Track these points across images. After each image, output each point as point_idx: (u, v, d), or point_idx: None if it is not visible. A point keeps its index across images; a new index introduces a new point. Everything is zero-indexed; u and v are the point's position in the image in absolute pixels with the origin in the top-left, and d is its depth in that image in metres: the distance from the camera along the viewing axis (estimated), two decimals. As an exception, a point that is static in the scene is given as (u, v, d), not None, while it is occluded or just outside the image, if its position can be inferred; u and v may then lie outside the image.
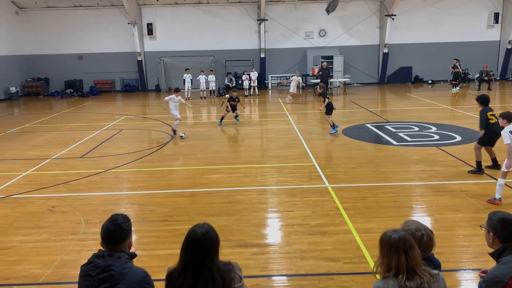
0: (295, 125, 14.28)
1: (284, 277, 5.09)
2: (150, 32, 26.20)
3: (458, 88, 22.52)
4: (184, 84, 22.97)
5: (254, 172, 9.35)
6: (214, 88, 23.55)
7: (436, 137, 11.98)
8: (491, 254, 2.88)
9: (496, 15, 25.76)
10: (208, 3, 25.79)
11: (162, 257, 5.46)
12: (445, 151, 10.41)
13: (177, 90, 13.30)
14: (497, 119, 7.72)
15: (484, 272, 2.99)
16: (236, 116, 15.22)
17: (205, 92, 23.02)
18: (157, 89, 26.76)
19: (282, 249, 5.73)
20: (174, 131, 13.04)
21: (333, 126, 12.62)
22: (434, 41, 26.08)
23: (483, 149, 8.81)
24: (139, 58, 26.12)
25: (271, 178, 8.90)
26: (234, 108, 15.09)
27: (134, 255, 2.84)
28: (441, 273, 2.60)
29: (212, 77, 23.24)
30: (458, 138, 11.74)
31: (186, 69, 23.39)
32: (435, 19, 25.80)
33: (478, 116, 8.83)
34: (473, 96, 20.81)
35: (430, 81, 26.32)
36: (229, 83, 24.01)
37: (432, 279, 2.44)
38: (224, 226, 6.42)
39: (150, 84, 27.10)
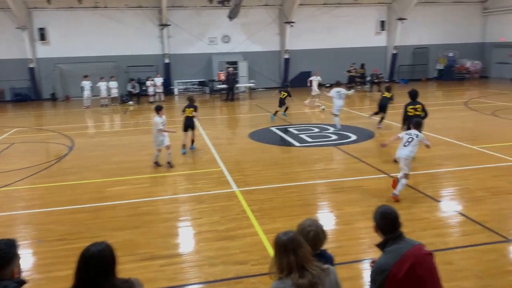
0: (203, 130, 14.26)
1: (193, 286, 5.07)
2: (42, 37, 24.34)
3: (352, 91, 24.21)
4: (82, 92, 21.75)
5: (161, 181, 9.18)
6: (116, 95, 22.60)
7: (334, 137, 12.75)
8: (378, 245, 3.15)
9: (382, 23, 28.19)
10: (106, 7, 24.70)
11: (61, 279, 5.12)
12: (342, 150, 11.13)
13: (159, 109, 10.03)
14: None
15: (374, 262, 3.26)
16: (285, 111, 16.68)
17: (106, 99, 22.01)
18: (53, 98, 24.97)
19: (191, 257, 5.71)
20: (169, 163, 10.14)
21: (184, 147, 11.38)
22: (331, 46, 27.72)
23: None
24: (31, 65, 24.15)
25: (179, 186, 8.81)
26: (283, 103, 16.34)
27: (22, 282, 2.64)
28: (332, 267, 2.80)
29: (113, 84, 22.28)
30: (353, 137, 12.63)
31: (85, 76, 22.17)
32: (331, 26, 27.43)
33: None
34: (366, 97, 22.56)
35: (328, 85, 27.92)
36: (132, 90, 23.22)
37: (323, 273, 2.61)
38: (130, 240, 6.20)
39: (45, 92, 25.19)
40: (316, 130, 13.91)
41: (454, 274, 5.01)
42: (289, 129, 14.31)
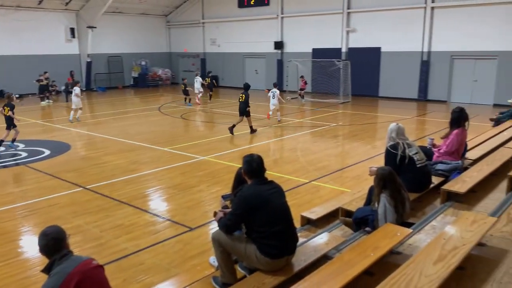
0: None
1: None
2: None
3: (48, 101, 22.54)
4: None
5: None
6: None
7: (25, 154, 11.51)
8: (43, 270, 2.99)
9: (72, 30, 27.26)
10: None
11: None
12: (34, 168, 10.16)
13: None
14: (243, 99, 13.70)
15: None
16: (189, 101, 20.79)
17: None
18: None
19: None
20: None
21: None
22: (16, 53, 24.88)
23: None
24: None
25: None
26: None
27: None
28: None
29: None
30: (47, 152, 11.74)
31: None
32: (13, 30, 24.57)
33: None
34: (62, 108, 21.37)
35: (17, 95, 24.98)
36: None
37: None
38: None
39: None
40: (2, 148, 12.22)
41: (146, 272, 5.34)
42: (-35, 151, 12.06)
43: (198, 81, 21.50)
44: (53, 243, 2.95)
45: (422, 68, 21.30)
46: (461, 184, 5.51)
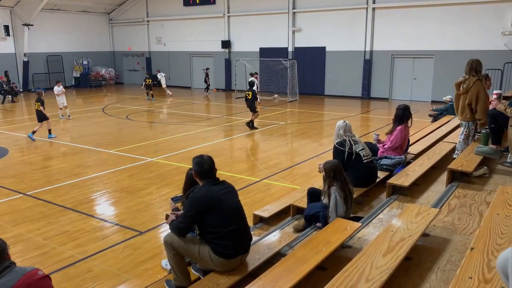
0: None
1: None
2: None
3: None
4: None
5: None
6: None
7: (-44, 161, 10.74)
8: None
9: (7, 28, 25.68)
10: None
11: None
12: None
13: None
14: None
15: None
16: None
17: None
18: None
19: None
20: None
21: None
22: None
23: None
24: None
25: None
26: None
27: None
28: None
29: None
30: (-18, 157, 11.02)
31: None
32: None
33: None
34: (-3, 110, 20.12)
35: None
36: None
37: None
38: None
39: None
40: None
41: (95, 279, 5.13)
42: None
43: (163, 76, 24.32)
44: (-7, 254, 2.76)
45: (365, 67, 22.05)
46: (404, 177, 5.76)
